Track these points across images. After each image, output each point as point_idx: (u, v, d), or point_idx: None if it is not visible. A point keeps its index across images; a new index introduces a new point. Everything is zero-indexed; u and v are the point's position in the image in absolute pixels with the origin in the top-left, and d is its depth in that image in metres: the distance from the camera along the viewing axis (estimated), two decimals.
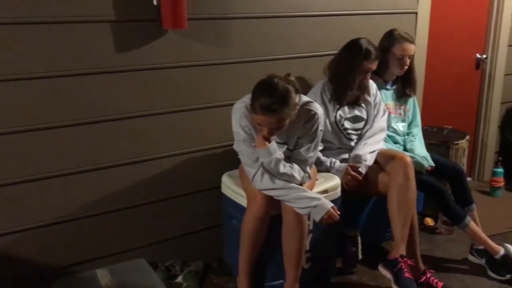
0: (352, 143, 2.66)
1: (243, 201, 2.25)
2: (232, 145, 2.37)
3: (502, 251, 2.55)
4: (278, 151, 2.11)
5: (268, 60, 2.61)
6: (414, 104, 2.95)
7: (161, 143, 2.44)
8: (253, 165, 2.13)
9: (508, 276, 2.51)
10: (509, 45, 3.69)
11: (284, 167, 2.11)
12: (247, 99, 2.08)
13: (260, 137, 2.08)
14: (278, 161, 2.09)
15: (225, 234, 2.55)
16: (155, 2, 2.21)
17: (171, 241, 2.57)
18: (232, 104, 2.22)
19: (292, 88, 2.02)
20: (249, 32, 2.55)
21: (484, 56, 3.71)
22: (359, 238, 2.62)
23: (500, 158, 3.66)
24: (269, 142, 2.09)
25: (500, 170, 3.57)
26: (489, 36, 3.67)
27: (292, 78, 2.08)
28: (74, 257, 2.32)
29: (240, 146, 2.17)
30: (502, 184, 3.60)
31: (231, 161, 2.46)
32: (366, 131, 2.68)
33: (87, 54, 2.16)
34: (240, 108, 2.13)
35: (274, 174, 2.11)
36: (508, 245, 2.62)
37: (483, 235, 2.61)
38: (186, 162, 2.52)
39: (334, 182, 2.41)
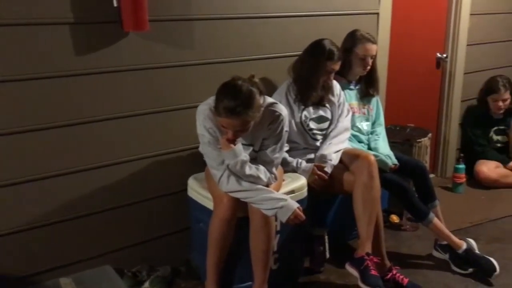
0: (318, 143, 2.68)
1: (209, 204, 2.23)
2: (197, 147, 2.35)
3: (464, 246, 2.61)
4: (243, 153, 2.10)
5: (232, 62, 2.61)
6: (377, 103, 3.00)
7: (125, 147, 2.39)
8: (219, 168, 2.11)
9: (470, 270, 2.57)
10: (468, 45, 3.80)
11: (250, 169, 2.10)
12: (211, 100, 2.07)
13: (225, 139, 2.07)
14: (243, 163, 2.08)
15: (192, 238, 2.52)
16: (115, 4, 2.17)
17: (137, 247, 2.53)
18: (196, 106, 2.19)
19: (256, 90, 2.01)
20: (212, 33, 2.54)
21: (444, 55, 3.80)
22: (326, 237, 2.64)
23: (462, 155, 3.76)
24: (234, 144, 2.07)
25: (461, 166, 3.66)
26: (449, 36, 3.77)
27: (256, 79, 2.08)
28: (37, 266, 2.25)
29: (205, 149, 2.15)
30: (464, 180, 3.70)
31: (197, 163, 2.43)
32: (331, 131, 2.70)
33: (45, 57, 2.10)
34: (204, 110, 2.11)
35: (240, 176, 2.10)
36: (470, 240, 2.69)
37: (446, 231, 2.67)
38: (151, 166, 2.49)
39: (300, 182, 2.42)
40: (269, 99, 2.22)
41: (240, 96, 1.95)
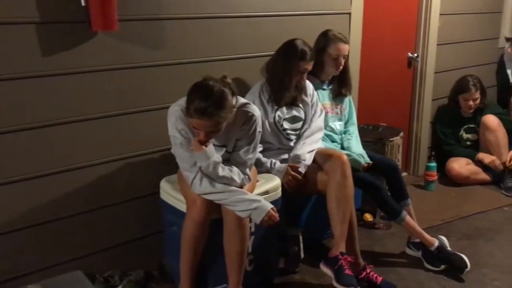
0: (291, 143, 2.68)
1: (182, 207, 2.20)
2: (170, 149, 2.31)
3: (436, 243, 2.65)
4: (215, 154, 2.08)
5: (204, 62, 2.58)
6: (350, 103, 3.01)
7: (95, 149, 2.34)
8: (191, 170, 2.08)
9: (442, 267, 2.61)
10: (438, 44, 3.86)
11: (223, 170, 2.08)
12: (182, 101, 2.04)
13: (196, 141, 2.04)
14: (216, 164, 2.06)
15: (165, 241, 2.49)
16: (83, 3, 2.11)
17: (109, 251, 2.48)
18: (167, 107, 2.16)
19: (228, 91, 2.00)
20: (183, 33, 2.50)
21: (416, 55, 3.85)
22: (301, 237, 2.64)
23: (433, 153, 3.82)
24: (206, 145, 2.05)
25: (433, 164, 3.72)
26: (419, 35, 3.82)
27: (228, 80, 2.06)
28: (4, 273, 2.18)
29: (177, 150, 2.12)
30: (435, 178, 3.75)
31: (169, 165, 2.39)
32: (304, 131, 2.70)
33: (9, 58, 2.03)
34: (175, 111, 2.08)
35: (213, 177, 2.08)
36: (442, 237, 2.74)
37: (419, 229, 2.70)
38: (122, 168, 2.44)
39: (274, 182, 2.41)
40: (242, 100, 2.20)
41: (211, 97, 1.93)
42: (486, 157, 3.75)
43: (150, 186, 2.49)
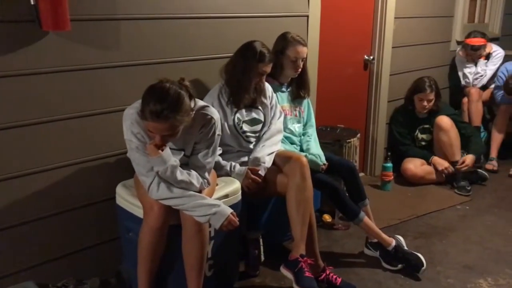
0: (251, 146, 2.66)
1: (139, 212, 2.14)
2: (126, 153, 2.24)
3: (393, 243, 2.70)
4: (172, 158, 2.03)
5: (161, 63, 2.53)
6: (308, 105, 3.03)
7: (47, 154, 2.25)
8: (148, 174, 2.03)
9: (400, 266, 2.66)
10: (393, 47, 3.94)
11: (181, 174, 2.04)
12: (138, 104, 1.98)
13: (152, 145, 1.99)
14: (174, 168, 2.02)
15: (122, 248, 2.41)
16: (32, 2, 2.02)
17: (63, 259, 2.38)
18: (123, 110, 2.10)
19: (185, 93, 1.95)
20: (140, 34, 2.44)
21: (371, 57, 3.92)
22: (261, 240, 2.63)
23: (389, 154, 3.90)
24: (163, 149, 2.00)
25: (389, 165, 3.79)
26: (375, 38, 3.89)
27: (186, 82, 2.02)
28: None
29: (133, 155, 2.06)
30: (392, 178, 3.83)
31: (125, 170, 2.32)
32: (264, 133, 2.69)
33: None
34: (131, 115, 2.02)
35: (171, 182, 2.03)
36: (398, 237, 2.79)
37: (376, 229, 2.75)
38: (75, 173, 2.35)
39: (234, 186, 2.38)
40: (201, 102, 2.17)
41: (167, 99, 1.88)
42: (439, 165, 3.85)
43: (105, 192, 2.41)
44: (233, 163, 2.55)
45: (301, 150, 2.92)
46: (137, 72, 2.44)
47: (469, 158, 3.83)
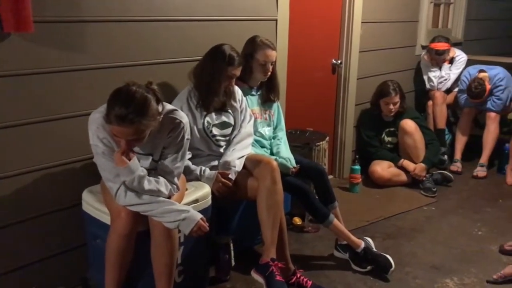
0: (221, 150, 2.65)
1: (106, 219, 2.09)
2: (92, 158, 2.19)
3: (362, 245, 2.72)
4: (140, 168, 2.00)
5: (128, 66, 2.48)
6: (278, 108, 3.04)
7: (11, 160, 2.17)
8: (115, 180, 1.98)
9: (369, 268, 2.69)
10: (360, 51, 4.00)
11: (149, 184, 2.00)
12: (104, 108, 1.93)
13: (119, 154, 1.95)
14: (141, 178, 1.98)
15: (89, 255, 2.35)
16: None
17: (28, 268, 2.30)
18: (89, 114, 2.05)
19: (152, 97, 1.92)
20: (106, 36, 2.40)
21: (339, 61, 3.96)
22: (231, 244, 2.61)
23: (357, 156, 3.94)
24: (129, 157, 1.96)
25: (357, 167, 3.84)
26: (343, 43, 3.93)
27: (154, 86, 1.99)
28: None
29: (99, 160, 2.01)
30: (360, 180, 3.88)
31: (92, 175, 2.27)
32: (234, 137, 2.68)
33: None
34: (97, 119, 1.97)
35: (138, 191, 1.99)
36: (367, 239, 2.82)
37: (346, 231, 2.77)
38: (40, 180, 2.28)
39: (204, 190, 2.36)
40: (169, 106, 2.14)
41: (132, 103, 1.85)
42: (408, 167, 3.93)
43: (71, 198, 2.35)
44: (203, 167, 2.52)
45: (271, 153, 2.92)
46: (104, 75, 2.39)
47: (419, 168, 3.90)
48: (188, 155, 2.46)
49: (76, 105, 2.33)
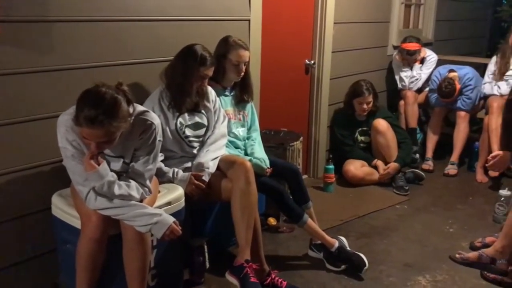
0: (195, 151, 2.62)
1: (77, 223, 2.04)
2: (61, 161, 2.14)
3: (336, 244, 2.74)
4: (110, 173, 1.97)
5: (98, 67, 2.44)
6: (252, 109, 3.03)
7: None
8: (85, 183, 1.94)
9: (343, 267, 2.70)
10: (333, 52, 4.02)
11: (119, 188, 1.97)
12: (73, 110, 1.89)
13: (88, 159, 1.91)
14: (111, 183, 1.94)
15: (59, 260, 2.30)
16: None
17: None
18: (58, 116, 2.00)
19: (122, 98, 1.89)
20: (75, 36, 2.35)
21: (312, 62, 3.98)
22: (205, 246, 2.59)
23: (331, 156, 3.97)
24: (98, 162, 1.93)
25: (331, 166, 3.86)
26: (316, 43, 3.95)
27: (124, 87, 1.95)
28: None
29: (69, 163, 1.97)
30: (334, 179, 3.90)
31: (61, 179, 2.21)
32: (207, 138, 2.66)
33: None
34: (66, 121, 1.92)
35: (109, 196, 1.95)
36: (341, 238, 2.84)
37: (320, 231, 2.78)
38: (8, 184, 2.22)
39: (177, 193, 2.33)
40: (140, 107, 2.10)
41: (102, 105, 1.81)
42: (380, 168, 3.98)
43: (40, 202, 2.30)
44: (176, 169, 2.49)
45: (246, 154, 2.91)
46: (72, 76, 2.34)
47: (392, 167, 3.95)
48: (161, 157, 2.43)
49: (44, 107, 2.28)
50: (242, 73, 2.81)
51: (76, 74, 2.35)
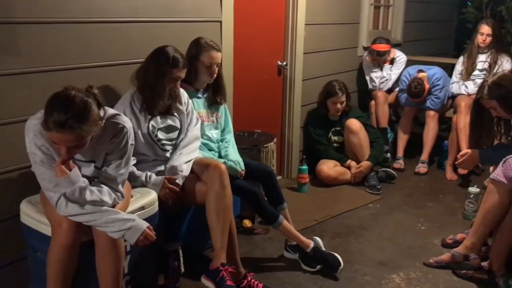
0: (168, 154, 2.59)
1: (47, 230, 1.99)
2: (30, 166, 2.08)
3: (312, 245, 2.75)
4: (81, 179, 1.92)
5: (67, 70, 2.38)
6: (225, 111, 3.01)
7: None
8: (55, 189, 1.89)
9: (318, 267, 2.71)
10: (305, 53, 4.04)
11: (91, 194, 1.92)
12: (41, 114, 1.83)
13: (59, 164, 1.86)
14: (82, 189, 1.90)
15: (29, 269, 2.23)
16: None
17: None
18: (25, 121, 1.94)
19: (93, 101, 1.84)
20: (42, 38, 2.29)
21: (285, 63, 3.99)
22: (180, 251, 2.56)
23: (304, 156, 3.99)
24: (70, 167, 1.88)
25: (304, 167, 3.88)
26: (287, 44, 3.96)
27: (94, 90, 1.90)
28: None
29: (38, 169, 1.91)
30: (308, 180, 3.92)
31: (30, 185, 2.15)
32: (180, 141, 2.63)
33: None
34: (34, 126, 1.87)
35: (80, 203, 1.91)
36: (316, 238, 2.85)
37: (295, 231, 2.79)
38: None
39: (150, 197, 2.29)
40: (111, 111, 2.06)
41: (72, 108, 1.77)
42: (353, 168, 4.03)
43: (8, 209, 2.23)
44: (149, 173, 2.46)
45: (220, 156, 2.89)
46: (40, 79, 2.28)
47: (365, 165, 4.01)
48: (133, 160, 2.39)
49: (11, 111, 2.21)
50: (215, 75, 2.79)
51: (44, 77, 2.29)
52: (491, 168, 2.82)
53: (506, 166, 2.54)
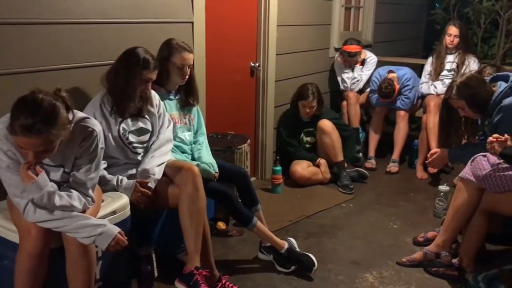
0: (139, 157, 2.55)
1: (15, 237, 1.94)
2: None
3: (286, 246, 2.75)
4: (49, 183, 1.88)
5: (33, 72, 2.32)
6: (198, 112, 2.99)
7: None
8: (22, 195, 1.84)
9: (293, 268, 2.72)
10: (277, 54, 4.05)
11: (60, 199, 1.88)
12: (7, 118, 1.78)
13: (25, 169, 1.81)
14: (51, 194, 1.86)
15: None
16: None
17: None
18: None
19: (61, 104, 1.80)
20: (7, 40, 2.22)
21: (257, 64, 3.99)
22: (153, 255, 2.52)
23: (278, 157, 4.00)
24: (37, 172, 1.84)
25: (278, 168, 3.89)
26: (260, 46, 3.96)
27: (62, 93, 1.86)
28: None
29: (4, 175, 1.86)
30: (281, 181, 3.93)
31: None
32: (152, 144, 2.60)
33: None
34: None
35: (49, 208, 1.86)
36: (290, 239, 2.85)
37: (269, 233, 2.78)
38: None
39: (122, 201, 2.26)
40: (80, 114, 2.02)
41: (39, 112, 1.72)
42: (323, 166, 4.08)
43: None
44: (120, 177, 2.41)
45: (193, 159, 2.87)
46: (5, 82, 2.22)
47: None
48: (103, 164, 2.35)
49: None
50: (187, 76, 2.76)
51: (10, 80, 2.23)
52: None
53: (475, 165, 2.60)
